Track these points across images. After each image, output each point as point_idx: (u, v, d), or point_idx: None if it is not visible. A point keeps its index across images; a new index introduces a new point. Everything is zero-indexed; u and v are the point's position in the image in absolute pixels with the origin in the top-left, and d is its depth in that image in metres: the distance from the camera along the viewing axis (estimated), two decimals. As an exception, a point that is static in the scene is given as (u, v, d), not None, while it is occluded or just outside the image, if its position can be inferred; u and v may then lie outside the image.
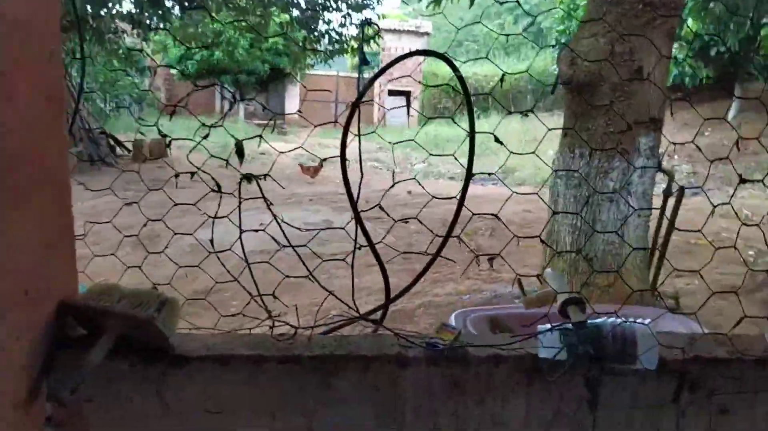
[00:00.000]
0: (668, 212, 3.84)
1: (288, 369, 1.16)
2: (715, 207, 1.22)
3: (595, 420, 1.15)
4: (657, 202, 4.04)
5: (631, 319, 1.18)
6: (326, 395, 1.17)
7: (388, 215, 1.44)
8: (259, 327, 1.27)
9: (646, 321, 1.16)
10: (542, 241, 1.17)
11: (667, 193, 4.10)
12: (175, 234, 1.44)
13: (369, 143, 17.19)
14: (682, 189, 4.12)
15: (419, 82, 20.08)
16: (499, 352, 1.20)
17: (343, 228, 1.37)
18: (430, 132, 16.82)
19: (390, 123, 19.98)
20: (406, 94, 20.89)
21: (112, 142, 12.67)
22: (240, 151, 1.25)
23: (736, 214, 1.58)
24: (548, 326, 1.17)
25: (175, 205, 1.32)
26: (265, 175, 1.22)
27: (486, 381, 1.20)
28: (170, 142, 1.37)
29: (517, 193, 1.48)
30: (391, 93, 20.53)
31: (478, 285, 5.01)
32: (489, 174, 1.44)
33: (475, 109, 1.42)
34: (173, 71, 20.52)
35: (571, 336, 1.11)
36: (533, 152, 1.41)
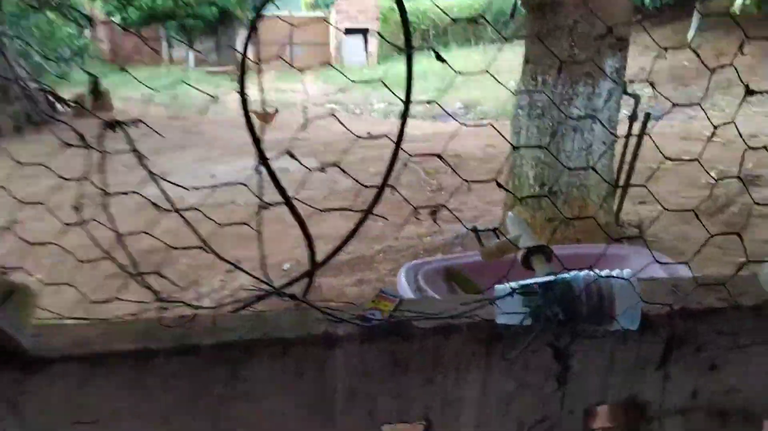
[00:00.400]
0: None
1: (185, 362, 0.92)
2: (716, 128, 0.99)
3: (564, 392, 0.96)
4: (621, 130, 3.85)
5: (608, 271, 0.96)
6: (236, 389, 0.94)
7: (300, 163, 1.18)
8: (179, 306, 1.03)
9: (626, 273, 0.95)
10: (499, 185, 0.94)
11: (633, 118, 3.91)
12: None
13: (328, 85, 16.54)
14: (647, 115, 3.93)
15: (376, 19, 19.30)
16: (449, 322, 0.98)
17: (243, 184, 1.10)
18: (389, 70, 16.25)
19: (347, 62, 19.25)
20: (363, 32, 20.07)
21: (52, 99, 11.85)
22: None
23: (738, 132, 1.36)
24: (507, 287, 0.95)
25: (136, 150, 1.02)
26: (133, 122, 0.93)
27: (434, 356, 0.99)
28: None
29: (464, 124, 1.23)
30: (348, 31, 19.69)
31: (439, 227, 4.83)
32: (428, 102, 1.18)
33: (436, 42, 1.16)
34: (115, 19, 19.22)
35: (536, 299, 0.89)
36: (488, 73, 1.16)
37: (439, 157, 1.09)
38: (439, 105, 0.92)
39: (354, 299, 3.84)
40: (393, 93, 0.91)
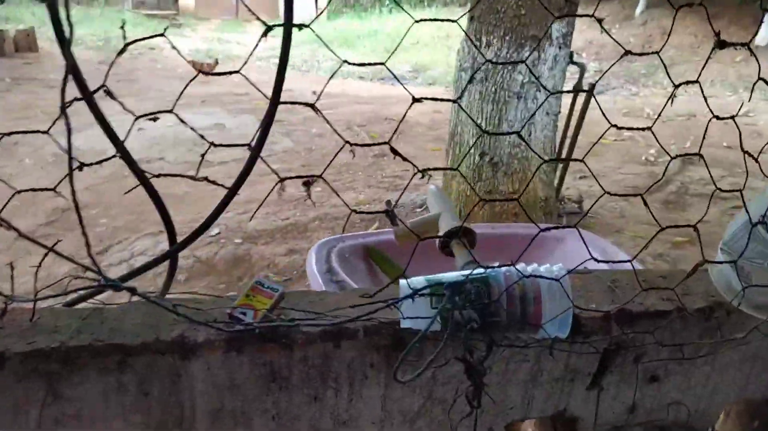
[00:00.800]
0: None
1: (-18, 378, 0.68)
2: (672, 96, 0.80)
3: (477, 409, 0.78)
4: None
5: (536, 265, 0.78)
6: (56, 411, 0.72)
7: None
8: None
9: (556, 269, 0.77)
10: (422, 172, 0.73)
11: (578, 88, 3.79)
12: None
13: (275, 39, 15.74)
14: (592, 86, 3.82)
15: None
16: (342, 325, 0.78)
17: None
18: (339, 26, 15.66)
19: (295, 16, 18.41)
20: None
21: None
22: None
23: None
24: (407, 281, 0.75)
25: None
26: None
27: (322, 368, 0.79)
28: None
29: (420, 100, 1.01)
30: (296, -16, 18.77)
31: (379, 194, 4.63)
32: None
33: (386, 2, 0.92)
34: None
35: (447, 301, 0.70)
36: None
37: (313, 107, 0.86)
38: (394, 73, 0.70)
39: (285, 270, 3.61)
40: (333, 53, 0.69)
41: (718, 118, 0.72)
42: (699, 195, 4.21)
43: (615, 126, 0.74)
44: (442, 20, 0.73)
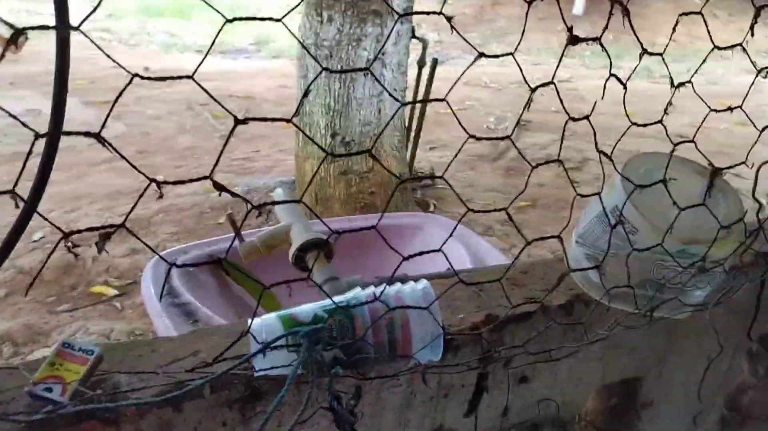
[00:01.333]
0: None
1: None
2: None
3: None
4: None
5: (399, 287, 0.71)
6: None
7: None
8: None
9: (420, 287, 0.70)
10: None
11: (421, 63, 3.82)
12: None
13: (102, 9, 14.13)
14: (435, 60, 3.88)
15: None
16: (182, 385, 0.65)
17: None
18: (169, -5, 14.44)
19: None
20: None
21: None
22: None
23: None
24: (264, 323, 0.64)
25: None
26: None
27: (161, 438, 0.65)
28: None
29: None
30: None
31: (229, 179, 4.36)
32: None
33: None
34: None
35: (305, 350, 0.60)
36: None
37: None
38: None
39: (126, 274, 3.25)
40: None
41: (544, 85, 0.71)
42: (535, 159, 4.52)
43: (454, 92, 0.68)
44: None
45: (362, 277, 0.94)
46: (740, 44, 0.75)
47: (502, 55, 0.65)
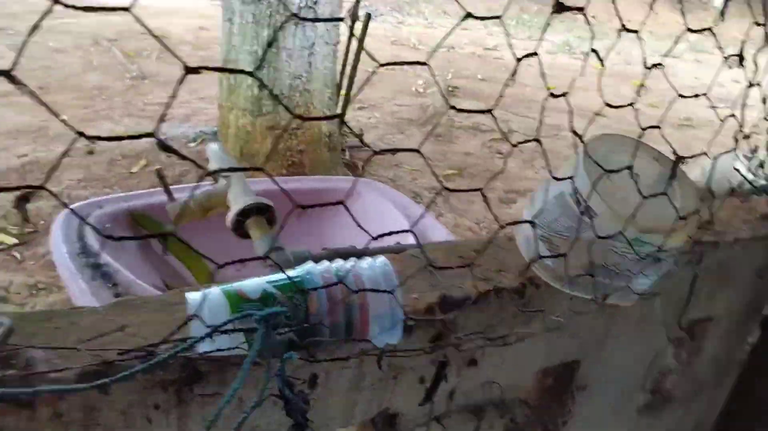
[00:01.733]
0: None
1: None
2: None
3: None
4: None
5: (355, 261, 0.65)
6: None
7: None
8: None
9: (378, 263, 0.65)
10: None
11: (354, 17, 3.69)
12: None
13: None
14: (368, 15, 3.76)
15: None
16: (108, 364, 0.57)
17: None
18: None
19: None
20: None
21: None
22: None
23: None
24: (200, 297, 0.57)
25: None
26: None
27: (86, 422, 0.57)
28: None
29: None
30: None
31: (142, 125, 4.05)
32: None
33: None
34: None
35: (260, 338, 0.54)
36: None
37: None
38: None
39: (22, 225, 2.95)
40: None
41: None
42: (463, 127, 4.56)
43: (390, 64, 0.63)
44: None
45: (308, 249, 0.87)
46: (642, 25, 0.74)
47: (487, 18, 0.60)
